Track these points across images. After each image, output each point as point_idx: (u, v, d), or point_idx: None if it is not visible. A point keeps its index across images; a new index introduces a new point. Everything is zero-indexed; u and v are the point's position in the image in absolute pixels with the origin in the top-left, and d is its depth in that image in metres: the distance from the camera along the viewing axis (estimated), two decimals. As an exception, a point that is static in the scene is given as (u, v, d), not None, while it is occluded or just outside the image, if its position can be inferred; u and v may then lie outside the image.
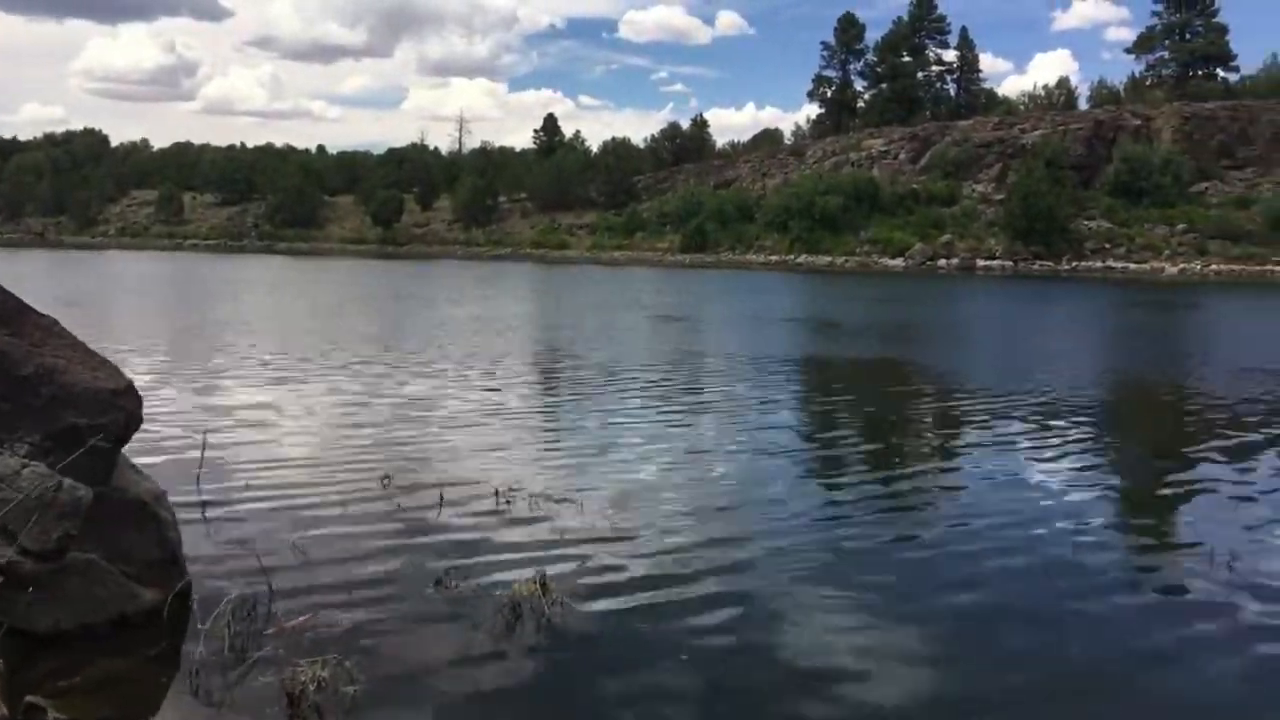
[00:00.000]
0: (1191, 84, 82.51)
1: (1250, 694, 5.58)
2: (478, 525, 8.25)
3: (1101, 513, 9.13)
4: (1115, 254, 63.74)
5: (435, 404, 14.00)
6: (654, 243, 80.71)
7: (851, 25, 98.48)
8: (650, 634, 6.16)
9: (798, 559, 7.55)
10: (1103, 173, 69.97)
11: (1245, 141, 71.02)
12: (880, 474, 10.61)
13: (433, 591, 6.67)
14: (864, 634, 6.21)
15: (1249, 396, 15.73)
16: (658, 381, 16.60)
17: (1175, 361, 21.20)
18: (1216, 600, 6.90)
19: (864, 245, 69.88)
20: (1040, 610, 6.70)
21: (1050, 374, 18.29)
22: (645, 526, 8.27)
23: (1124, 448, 12.67)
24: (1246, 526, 8.62)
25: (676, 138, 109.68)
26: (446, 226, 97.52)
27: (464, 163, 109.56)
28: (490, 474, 9.80)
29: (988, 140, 76.65)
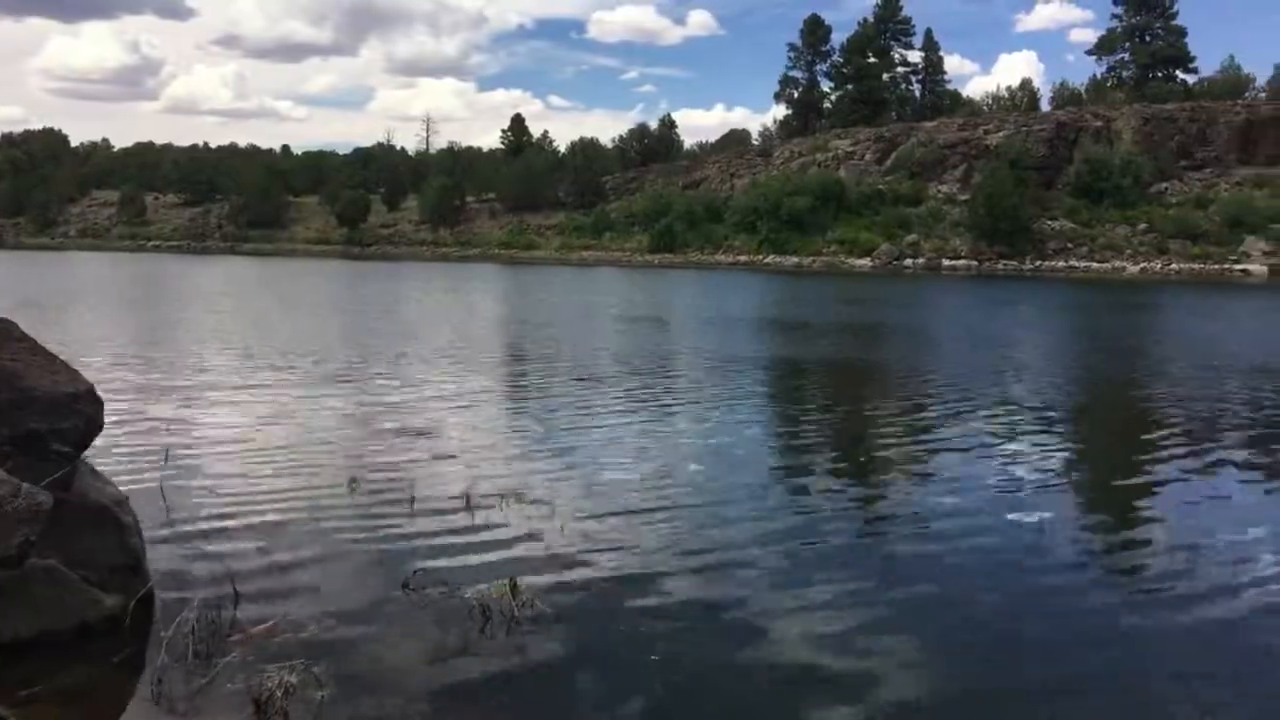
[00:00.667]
0: (1151, 85, 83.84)
1: (1211, 682, 5.68)
2: (446, 528, 8.21)
3: (1066, 509, 9.25)
4: (1078, 254, 64.62)
5: (403, 407, 13.91)
6: (622, 243, 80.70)
7: (817, 27, 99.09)
8: (621, 636, 6.16)
9: (768, 559, 7.58)
10: (1065, 173, 70.91)
11: (1203, 142, 72.28)
12: (849, 473, 10.68)
13: (401, 595, 6.62)
14: (834, 635, 6.25)
15: (1209, 394, 16.01)
16: (627, 383, 16.60)
17: (1135, 359, 21.52)
18: (1177, 592, 7.02)
19: (831, 246, 70.31)
20: (1006, 611, 6.77)
21: (1015, 373, 18.51)
22: (616, 528, 8.27)
23: (1087, 444, 12.84)
24: (1207, 520, 8.77)
25: (644, 138, 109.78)
26: (414, 227, 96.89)
27: (431, 163, 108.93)
28: (459, 476, 9.76)
29: (952, 141, 77.41)
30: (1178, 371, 18.84)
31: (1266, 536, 8.34)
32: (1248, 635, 6.33)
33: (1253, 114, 72.85)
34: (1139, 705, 5.47)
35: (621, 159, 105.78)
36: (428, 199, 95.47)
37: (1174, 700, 5.49)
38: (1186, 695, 5.55)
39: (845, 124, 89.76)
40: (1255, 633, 6.37)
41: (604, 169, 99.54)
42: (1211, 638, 6.29)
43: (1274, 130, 71.09)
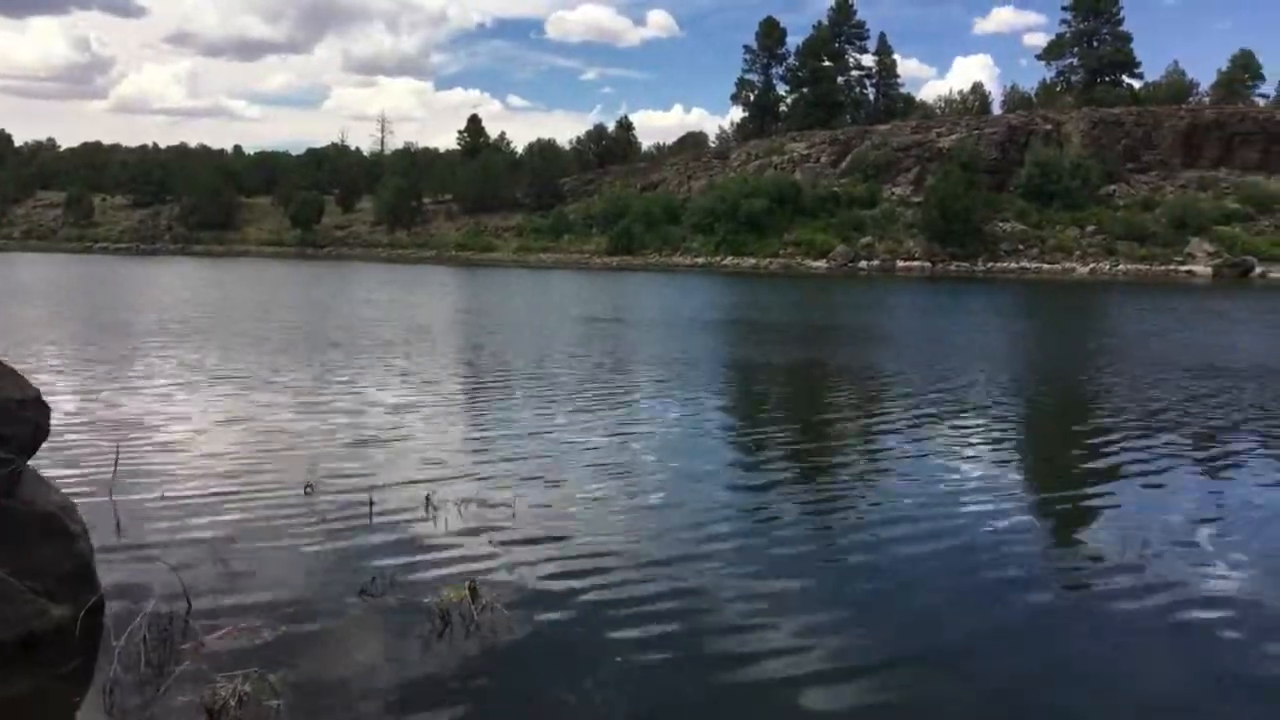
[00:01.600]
0: (1099, 90, 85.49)
1: (1156, 675, 5.80)
2: (405, 532, 8.14)
3: (1017, 508, 9.39)
4: (1028, 255, 65.69)
5: (360, 410, 13.76)
6: (581, 245, 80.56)
7: (773, 30, 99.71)
8: (583, 639, 6.15)
9: (729, 560, 7.61)
10: (1016, 176, 72.04)
11: (1149, 146, 73.85)
12: (808, 475, 10.76)
13: (358, 601, 6.55)
14: (794, 633, 6.29)
15: (1156, 393, 16.35)
16: (587, 386, 16.58)
17: (1085, 359, 21.91)
18: (1125, 586, 7.16)
19: (788, 247, 70.78)
20: (962, 610, 6.87)
21: (968, 373, 18.76)
22: (576, 530, 8.25)
23: (1037, 442, 13.05)
24: (1154, 516, 8.96)
25: (602, 140, 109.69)
26: (369, 229, 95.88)
27: (387, 163, 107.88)
28: (418, 480, 9.68)
29: (906, 144, 78.32)
30: (1122, 371, 19.21)
31: (1204, 532, 8.53)
32: (1186, 630, 6.48)
33: (1196, 118, 74.62)
34: (1081, 697, 5.57)
35: (579, 160, 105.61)
36: (383, 200, 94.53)
37: (1111, 692, 5.60)
38: (1122, 689, 5.66)
39: (801, 127, 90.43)
40: (1193, 627, 6.52)
41: (562, 170, 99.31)
42: (1151, 632, 6.43)
43: (1216, 134, 72.89)
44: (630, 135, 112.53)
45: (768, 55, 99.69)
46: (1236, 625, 6.52)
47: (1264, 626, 6.51)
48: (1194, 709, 5.48)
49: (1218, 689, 5.68)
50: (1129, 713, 5.40)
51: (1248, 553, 7.98)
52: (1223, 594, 7.07)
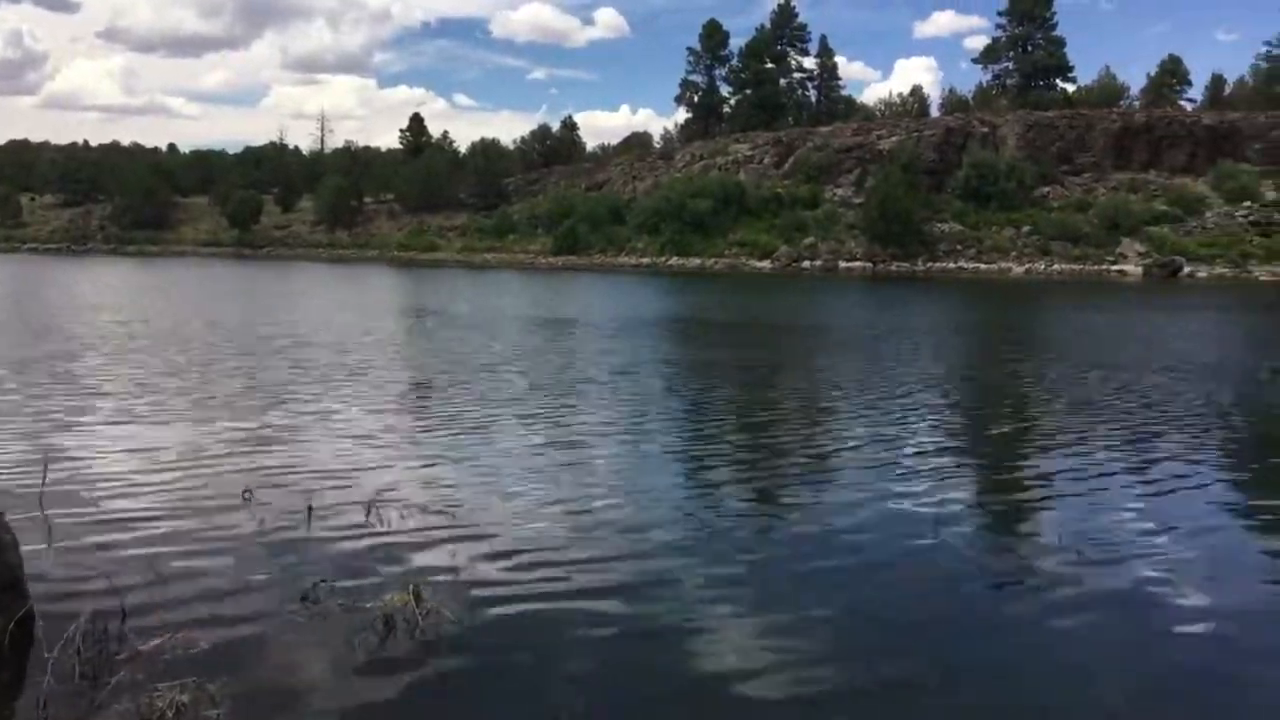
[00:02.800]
0: (1033, 93, 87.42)
1: (1096, 671, 5.99)
2: (346, 537, 8.06)
3: (967, 509, 9.58)
4: (966, 255, 66.94)
5: (299, 414, 13.56)
6: (526, 245, 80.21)
7: (715, 32, 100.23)
8: (529, 643, 6.15)
9: (674, 561, 7.67)
10: (954, 177, 73.33)
11: (1082, 148, 75.71)
12: (753, 474, 10.84)
13: (299, 607, 6.48)
14: (741, 637, 6.36)
15: (1093, 390, 16.79)
16: (531, 387, 16.55)
17: (1024, 357, 22.42)
18: (1064, 582, 7.36)
19: (732, 248, 71.25)
20: (905, 606, 7.01)
21: (911, 372, 19.08)
22: (520, 533, 8.25)
23: (979, 439, 13.32)
24: (1093, 513, 9.21)
25: (546, 139, 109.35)
26: (309, 229, 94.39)
27: (327, 163, 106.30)
28: (359, 484, 9.59)
29: (847, 146, 79.29)
30: (1057, 369, 19.70)
31: (1143, 529, 8.80)
32: (1136, 630, 6.69)
33: (1127, 121, 76.68)
34: (1032, 698, 5.73)
35: (524, 160, 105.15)
36: (323, 200, 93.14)
37: (1057, 692, 5.77)
38: (1072, 687, 5.84)
39: (744, 128, 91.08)
40: (1141, 626, 6.74)
41: (506, 170, 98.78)
42: (1097, 629, 6.62)
43: (1146, 137, 74.97)
44: (575, 135, 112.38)
45: (711, 57, 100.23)
46: (1173, 616, 6.74)
47: (1204, 619, 6.74)
48: (1135, 699, 5.66)
49: (1155, 680, 5.88)
50: (1073, 704, 5.57)
51: (1183, 545, 8.24)
52: (1159, 585, 7.30)
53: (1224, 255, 61.60)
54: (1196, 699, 5.67)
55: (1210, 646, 6.31)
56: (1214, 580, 7.41)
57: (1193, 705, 5.60)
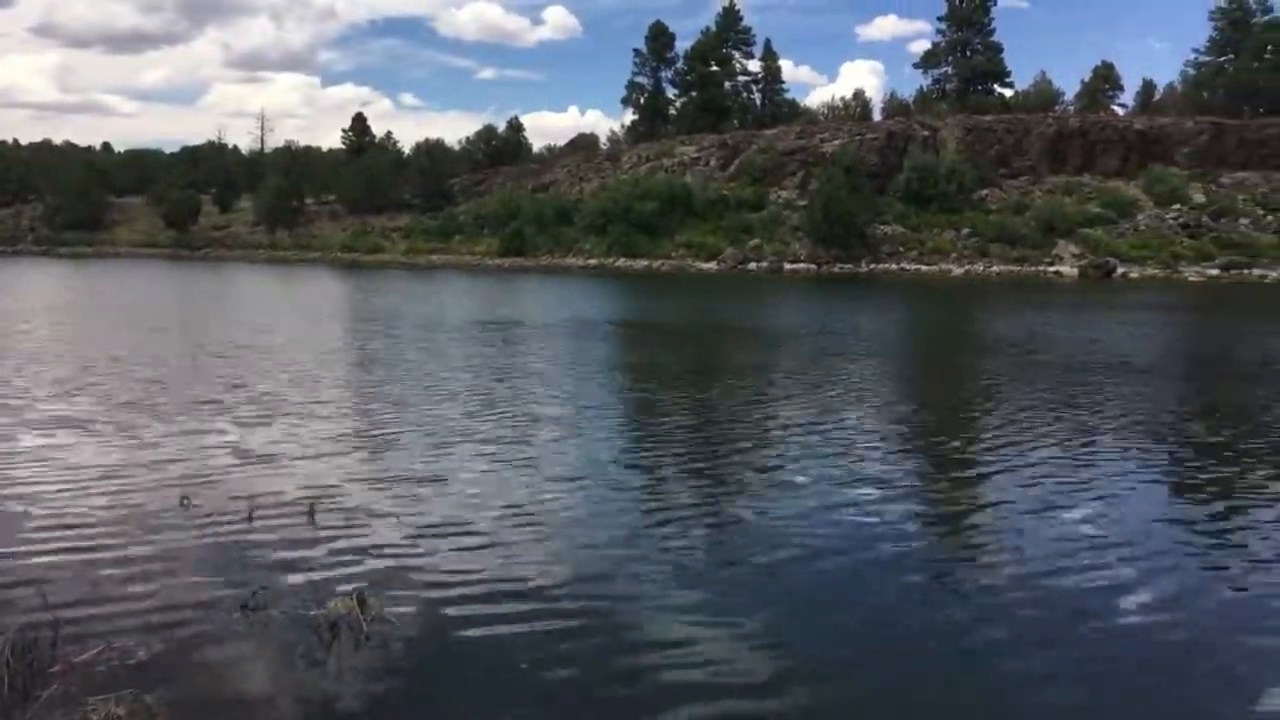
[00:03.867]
0: (972, 98, 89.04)
1: (1039, 663, 6.13)
2: (288, 543, 7.93)
3: (908, 507, 9.73)
4: (908, 256, 67.94)
5: (237, 418, 13.31)
6: (472, 246, 79.58)
7: (662, 34, 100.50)
8: (476, 647, 6.11)
9: (624, 565, 7.67)
10: (895, 180, 74.36)
11: (1019, 152, 77.27)
12: (701, 477, 10.89)
13: (240, 615, 6.37)
14: (692, 644, 6.37)
15: (1034, 387, 17.14)
16: (477, 390, 16.43)
17: (965, 355, 22.84)
18: (1000, 575, 7.52)
19: (679, 249, 71.49)
20: (850, 600, 7.10)
21: (857, 373, 19.32)
22: (466, 536, 8.19)
23: (923, 437, 13.53)
24: (1030, 510, 9.42)
25: (492, 140, 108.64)
26: (249, 229, 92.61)
27: (267, 162, 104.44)
28: (300, 489, 9.44)
29: (791, 149, 79.98)
30: (1001, 369, 20.09)
31: (1085, 527, 9.02)
32: (1077, 627, 6.85)
33: (1062, 126, 78.45)
34: (968, 688, 5.84)
35: (469, 161, 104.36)
36: (263, 200, 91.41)
37: (1001, 688, 5.89)
38: (1014, 684, 5.96)
39: (690, 130, 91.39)
40: (1083, 622, 6.90)
41: (451, 171, 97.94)
42: (1040, 627, 6.77)
43: (1080, 141, 76.76)
44: (521, 136, 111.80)
45: (657, 59, 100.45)
46: (1114, 614, 6.91)
47: (1141, 612, 6.92)
48: (1075, 695, 5.79)
49: (1097, 676, 6.02)
50: (1017, 701, 5.68)
51: (1124, 542, 8.46)
52: (1096, 580, 7.49)
53: (1155, 256, 63.32)
54: (1136, 693, 5.82)
55: (1151, 642, 6.48)
56: (1153, 576, 7.62)
57: (1133, 700, 5.75)
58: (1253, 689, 5.77)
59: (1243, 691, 5.76)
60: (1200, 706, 5.68)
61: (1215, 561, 8.02)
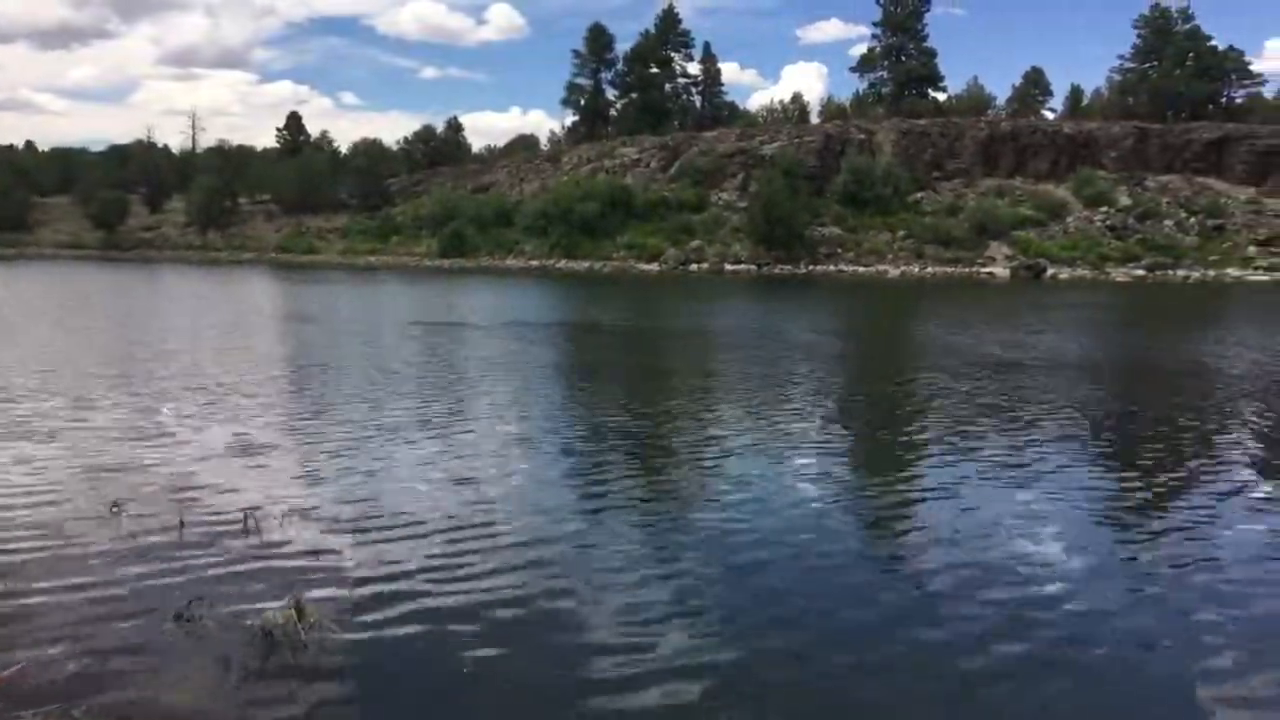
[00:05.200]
0: (907, 102, 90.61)
1: (977, 650, 6.26)
2: (223, 551, 7.77)
3: (842, 500, 9.87)
4: (846, 258, 68.91)
5: (169, 425, 13.00)
6: (411, 247, 78.72)
7: (601, 35, 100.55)
8: (417, 653, 6.05)
9: (562, 568, 7.66)
10: (833, 182, 75.34)
11: (953, 155, 78.83)
12: (642, 475, 10.91)
13: (173, 626, 6.23)
14: (632, 640, 6.40)
15: (965, 385, 17.49)
16: (413, 393, 16.26)
17: (899, 355, 23.21)
18: (939, 565, 7.67)
19: (621, 251, 71.56)
20: (787, 591, 7.18)
21: (791, 371, 19.51)
22: (405, 542, 8.10)
23: (859, 433, 13.73)
24: (966, 506, 9.61)
25: (431, 140, 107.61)
26: (180, 230, 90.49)
27: (198, 162, 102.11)
28: (235, 495, 9.26)
29: (731, 151, 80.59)
30: (933, 365, 20.46)
31: (1014, 514, 9.24)
32: (1003, 606, 7.02)
33: (994, 130, 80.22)
34: (904, 676, 5.94)
35: (407, 161, 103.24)
36: (194, 200, 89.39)
37: (938, 672, 6.01)
38: (946, 666, 6.09)
39: (631, 132, 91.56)
40: (1008, 603, 7.07)
41: (389, 171, 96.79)
42: (967, 607, 6.92)
43: (1011, 145, 78.56)
44: (460, 136, 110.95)
45: (597, 60, 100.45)
46: (1038, 597, 7.09)
47: (1073, 602, 7.11)
48: (1011, 677, 5.93)
49: (1031, 660, 6.17)
50: (953, 685, 5.80)
51: (1049, 530, 8.68)
52: (1031, 570, 7.67)
53: (1084, 258, 65.10)
54: (1054, 669, 5.98)
55: (1072, 621, 6.66)
56: (1075, 557, 7.84)
57: (1050, 676, 5.91)
58: (1187, 673, 5.96)
59: (1180, 675, 5.95)
60: (1130, 689, 5.86)
61: (1142, 550, 8.27)
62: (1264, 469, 11.53)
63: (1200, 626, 6.69)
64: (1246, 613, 6.92)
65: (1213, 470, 11.38)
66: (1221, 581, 7.54)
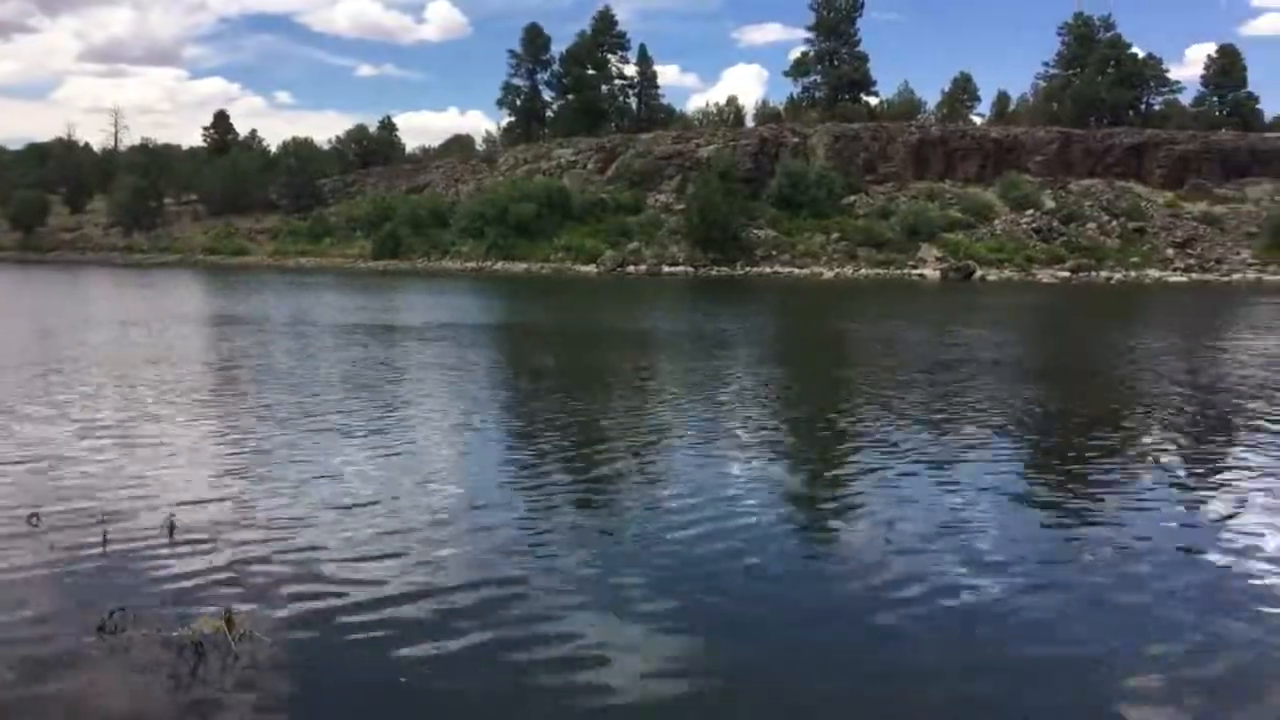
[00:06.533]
0: (840, 106, 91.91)
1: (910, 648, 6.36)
2: (148, 560, 7.55)
3: (781, 496, 9.95)
4: (781, 260, 69.69)
5: (89, 429, 12.59)
6: (344, 249, 77.48)
7: (537, 36, 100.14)
8: (354, 661, 5.94)
9: (499, 566, 7.60)
10: (768, 185, 76.12)
11: (885, 159, 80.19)
12: (575, 475, 10.85)
13: (96, 640, 6.03)
14: (568, 643, 6.36)
15: (897, 383, 17.78)
16: (345, 397, 15.99)
17: (834, 354, 23.50)
18: (876, 557, 7.78)
19: (558, 252, 71.36)
20: (730, 588, 7.22)
21: (728, 371, 19.65)
22: (338, 549, 7.96)
23: (790, 432, 13.86)
24: (902, 498, 9.76)
25: (364, 140, 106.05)
26: (103, 231, 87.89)
27: (121, 161, 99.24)
28: (160, 502, 9.01)
29: (667, 153, 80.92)
30: (862, 366, 20.79)
31: (945, 515, 9.41)
32: (938, 607, 7.14)
33: (924, 134, 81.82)
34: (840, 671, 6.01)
35: (340, 161, 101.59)
36: (118, 200, 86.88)
37: (864, 663, 6.09)
38: (881, 662, 6.17)
39: (567, 133, 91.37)
40: (942, 603, 7.19)
41: (321, 171, 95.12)
42: (903, 606, 7.03)
43: (941, 149, 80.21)
44: (394, 136, 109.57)
45: (533, 61, 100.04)
46: (970, 596, 7.23)
47: (999, 598, 7.26)
48: (942, 674, 6.04)
49: (961, 656, 6.29)
50: (885, 682, 5.88)
51: (977, 528, 8.85)
52: (957, 566, 7.82)
53: (1011, 259, 66.74)
54: (989, 667, 6.10)
55: (1003, 621, 6.81)
56: (1003, 555, 8.01)
57: (987, 674, 6.03)
58: (1123, 661, 6.13)
59: (1113, 663, 6.11)
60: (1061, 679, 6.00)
61: (1070, 544, 8.49)
62: (1184, 459, 11.92)
63: (1126, 618, 6.87)
64: (1169, 602, 7.13)
65: (1133, 463, 11.73)
66: (1144, 573, 7.77)
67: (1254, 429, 13.84)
